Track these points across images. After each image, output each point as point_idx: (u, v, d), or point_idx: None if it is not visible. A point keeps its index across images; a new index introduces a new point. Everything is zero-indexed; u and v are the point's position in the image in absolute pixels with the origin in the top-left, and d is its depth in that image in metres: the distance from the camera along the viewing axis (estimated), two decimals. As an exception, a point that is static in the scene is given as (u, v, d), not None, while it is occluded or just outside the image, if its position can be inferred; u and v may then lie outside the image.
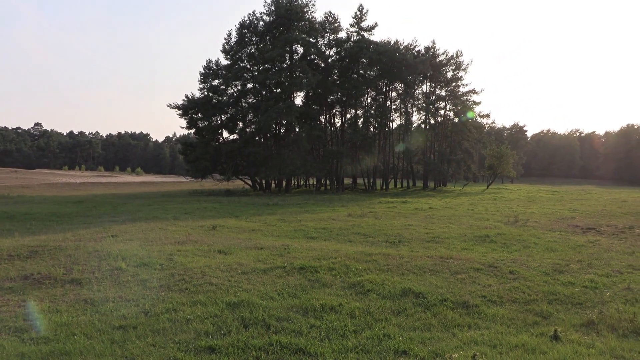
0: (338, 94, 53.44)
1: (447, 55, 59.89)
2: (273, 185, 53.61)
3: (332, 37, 53.67)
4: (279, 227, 18.04)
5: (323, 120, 57.16)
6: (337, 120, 58.81)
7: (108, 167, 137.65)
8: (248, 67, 50.57)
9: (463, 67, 59.98)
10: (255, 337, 6.33)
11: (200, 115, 49.97)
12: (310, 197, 39.90)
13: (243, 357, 5.76)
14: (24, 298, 8.00)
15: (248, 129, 52.24)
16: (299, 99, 53.78)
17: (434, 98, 60.90)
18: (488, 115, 66.20)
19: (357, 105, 55.82)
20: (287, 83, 48.15)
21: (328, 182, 56.99)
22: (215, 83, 51.03)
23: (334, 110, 57.62)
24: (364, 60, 52.37)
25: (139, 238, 14.18)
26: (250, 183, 52.88)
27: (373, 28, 53.60)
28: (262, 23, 50.30)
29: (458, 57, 59.91)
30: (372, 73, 54.21)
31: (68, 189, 51.68)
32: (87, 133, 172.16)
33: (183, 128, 64.47)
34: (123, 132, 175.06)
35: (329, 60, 53.71)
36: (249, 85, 51.20)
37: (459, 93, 61.14)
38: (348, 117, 56.87)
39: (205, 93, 50.50)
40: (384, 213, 23.70)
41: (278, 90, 49.10)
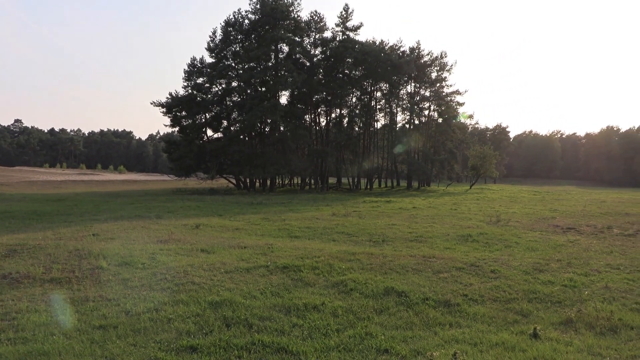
0: (323, 94, 53.47)
1: (431, 56, 60.37)
2: (257, 184, 53.42)
3: (317, 36, 53.72)
4: (263, 226, 17.99)
5: (308, 120, 57.19)
6: (322, 120, 58.95)
7: (90, 165, 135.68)
8: (233, 65, 50.31)
9: (447, 68, 60.53)
10: (238, 336, 6.31)
11: (184, 113, 49.54)
12: (295, 196, 39.87)
13: (225, 356, 5.74)
14: (2, 298, 7.85)
15: (233, 128, 51.99)
16: (284, 98, 53.80)
17: (419, 98, 61.34)
18: (471, 116, 66.99)
19: (342, 105, 55.96)
20: (272, 82, 48.01)
21: (313, 181, 57.01)
22: (200, 81, 50.64)
23: (319, 110, 57.67)
24: (349, 60, 52.49)
25: (121, 237, 14.02)
26: (235, 182, 52.63)
27: (358, 28, 53.80)
28: (247, 21, 50.07)
29: (442, 58, 60.46)
30: (357, 73, 54.39)
31: (49, 187, 50.85)
32: (68, 130, 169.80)
33: (167, 126, 63.88)
34: (105, 129, 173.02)
35: (314, 60, 53.71)
36: (234, 84, 50.94)
37: (443, 94, 61.65)
38: (333, 116, 57.02)
39: (190, 91, 50.08)
40: (368, 212, 23.78)
41: (263, 89, 48.94)
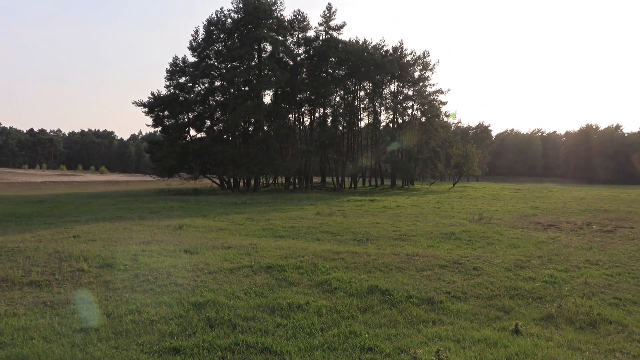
0: (307, 93, 53.46)
1: (414, 56, 60.73)
2: (241, 184, 53.21)
3: (300, 35, 53.72)
4: (247, 226, 17.91)
5: (292, 119, 57.21)
6: (305, 119, 59.01)
7: (71, 165, 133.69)
8: (216, 64, 50.03)
9: (430, 67, 60.97)
10: (221, 337, 6.27)
11: (167, 113, 49.13)
12: (279, 195, 39.79)
13: (208, 357, 5.70)
14: (-21, 302, 7.69)
15: (216, 127, 51.70)
16: (268, 98, 53.71)
17: (402, 98, 61.68)
18: (454, 115, 67.60)
19: (325, 104, 56.03)
20: (255, 81, 47.85)
21: (297, 180, 56.97)
22: (182, 80, 50.27)
23: (303, 109, 57.67)
24: (333, 59, 52.58)
25: (102, 238, 13.84)
26: (218, 182, 52.34)
27: (341, 27, 53.95)
28: (230, 20, 49.84)
29: (425, 57, 60.84)
30: (340, 72, 54.52)
31: (28, 188, 49.96)
32: (48, 131, 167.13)
33: (149, 126, 63.23)
34: (86, 129, 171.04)
35: (298, 59, 53.69)
36: (217, 83, 50.68)
37: (426, 93, 62.07)
38: (317, 115, 57.09)
39: (172, 90, 49.68)
40: (352, 211, 23.83)
41: (246, 89, 48.75)
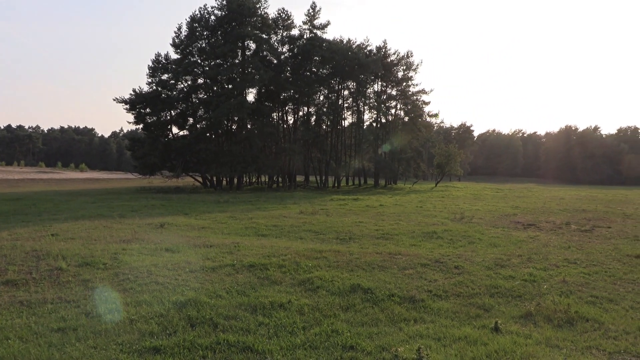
0: (291, 92, 53.30)
1: (398, 56, 60.91)
2: (224, 183, 52.85)
3: (284, 34, 53.52)
4: (230, 224, 17.82)
5: (275, 118, 57.03)
6: (289, 118, 58.86)
7: (50, 162, 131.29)
8: (199, 62, 49.55)
9: (413, 67, 61.14)
10: (202, 336, 6.23)
11: (149, 110, 48.48)
12: (262, 194, 39.66)
13: (189, 356, 5.66)
14: (-47, 301, 7.51)
15: (199, 125, 51.20)
16: (251, 96, 53.39)
17: (385, 97, 61.86)
18: (437, 115, 67.93)
19: (309, 103, 55.97)
20: (239, 79, 47.54)
21: (280, 179, 56.84)
22: (165, 77, 49.63)
23: (287, 108, 57.52)
24: (317, 58, 52.51)
25: (82, 237, 13.64)
26: (201, 180, 51.92)
27: (326, 26, 53.88)
28: (213, 17, 49.42)
29: (408, 57, 61.04)
30: (324, 71, 54.49)
31: (5, 186, 48.92)
32: (26, 127, 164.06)
33: (130, 123, 62.44)
34: (66, 126, 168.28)
35: (282, 57, 53.50)
36: (200, 81, 50.19)
37: (409, 93, 62.32)
38: (301, 114, 57.01)
39: (154, 87, 49.01)
40: (336, 210, 23.88)
41: (230, 86, 48.42)
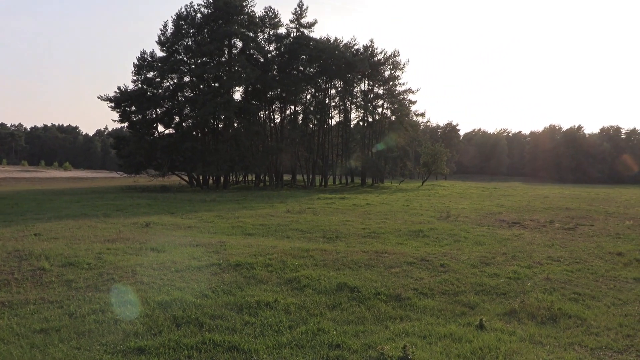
0: (277, 90, 53.23)
1: (385, 55, 61.12)
2: (211, 181, 52.58)
3: (271, 32, 53.43)
4: (216, 223, 17.73)
5: (262, 116, 56.86)
6: (276, 117, 58.79)
7: (33, 161, 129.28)
8: (185, 60, 49.24)
9: (400, 66, 61.44)
10: (188, 336, 6.19)
11: (134, 109, 48.02)
12: (249, 193, 39.53)
13: (174, 356, 5.62)
14: None
15: (185, 124, 50.91)
16: (238, 94, 53.27)
17: (372, 96, 62.06)
18: (423, 114, 68.37)
19: (296, 102, 55.94)
20: (225, 77, 47.33)
21: (267, 178, 56.71)
22: (150, 75, 49.24)
23: (274, 106, 57.42)
24: (304, 57, 52.51)
25: (65, 236, 13.46)
26: (187, 179, 51.60)
27: (313, 25, 53.96)
28: (199, 15, 49.15)
29: (395, 56, 61.31)
30: (311, 70, 54.51)
31: (-13, 185, 48.11)
32: (8, 125, 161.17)
33: (115, 121, 61.76)
34: (49, 124, 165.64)
35: (269, 56, 53.38)
36: (186, 79, 49.90)
37: (396, 92, 62.62)
38: (287, 113, 56.97)
39: (140, 85, 48.61)
40: (322, 209, 23.88)
41: (216, 85, 48.19)
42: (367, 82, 61.39)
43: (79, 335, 6.16)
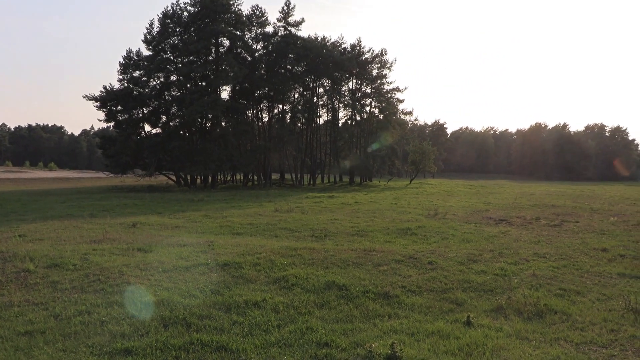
0: (265, 89, 53.09)
1: (372, 54, 61.18)
2: (198, 181, 52.29)
3: (259, 31, 53.25)
4: (204, 223, 17.64)
5: (250, 115, 56.65)
6: (264, 115, 58.61)
7: (17, 162, 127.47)
8: (172, 58, 48.86)
9: (387, 65, 61.57)
10: (175, 336, 6.15)
11: (120, 108, 47.55)
12: (237, 192, 39.39)
13: (162, 357, 5.58)
14: None
15: (172, 123, 50.51)
16: (225, 93, 52.94)
17: (360, 95, 62.12)
18: (411, 113, 68.76)
19: (284, 101, 55.84)
20: (212, 76, 47.07)
21: (255, 177, 56.54)
22: (137, 74, 48.78)
23: (261, 105, 57.23)
24: (292, 56, 52.43)
25: (51, 237, 13.31)
26: (175, 178, 51.22)
27: (300, 24, 53.87)
28: (186, 14, 48.78)
29: (383, 55, 61.40)
30: (299, 68, 54.45)
31: (-30, 186, 47.35)
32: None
33: (101, 121, 61.16)
34: (34, 124, 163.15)
35: (256, 55, 53.22)
36: (173, 78, 49.48)
37: (384, 90, 62.76)
38: (275, 112, 56.81)
39: (126, 84, 48.15)
40: (311, 208, 23.89)
41: (203, 84, 47.90)
42: (354, 80, 61.46)
43: (65, 337, 6.10)
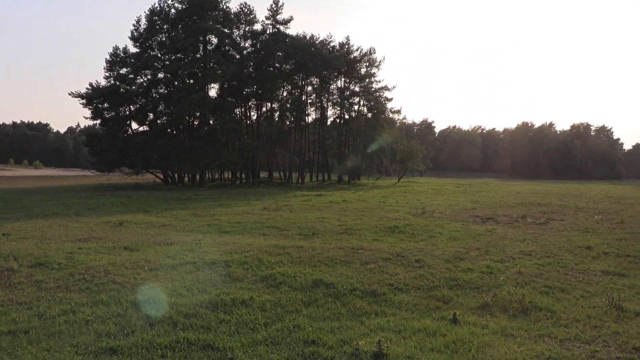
0: (254, 87, 52.94)
1: (361, 52, 61.33)
2: (186, 179, 51.99)
3: (247, 28, 53.09)
4: (191, 221, 17.55)
5: (238, 113, 56.47)
6: (252, 114, 58.41)
7: (1, 159, 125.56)
8: (159, 56, 48.55)
9: (376, 64, 61.71)
10: (162, 335, 6.12)
11: (107, 105, 47.21)
12: (225, 190, 39.24)
13: (147, 356, 5.54)
14: None
15: (159, 121, 50.21)
16: (213, 91, 52.73)
17: (349, 93, 62.19)
18: (399, 111, 68.86)
19: (272, 99, 55.72)
20: (200, 74, 46.86)
21: (243, 175, 56.36)
22: (124, 71, 48.42)
23: (250, 103, 57.07)
24: (280, 54, 52.32)
25: (35, 236, 13.15)
26: (162, 177, 50.90)
27: (289, 22, 53.73)
28: (173, 11, 48.48)
29: (371, 54, 61.55)
30: (287, 67, 54.32)
31: (-48, 184, 46.59)
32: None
33: (87, 118, 60.50)
34: (19, 121, 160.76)
35: (244, 52, 53.04)
36: (160, 75, 49.22)
37: (372, 89, 62.89)
38: (264, 110, 56.68)
39: (112, 82, 47.75)
40: (299, 206, 23.88)
41: (191, 81, 47.64)
42: (343, 79, 61.53)
43: (49, 337, 6.03)
